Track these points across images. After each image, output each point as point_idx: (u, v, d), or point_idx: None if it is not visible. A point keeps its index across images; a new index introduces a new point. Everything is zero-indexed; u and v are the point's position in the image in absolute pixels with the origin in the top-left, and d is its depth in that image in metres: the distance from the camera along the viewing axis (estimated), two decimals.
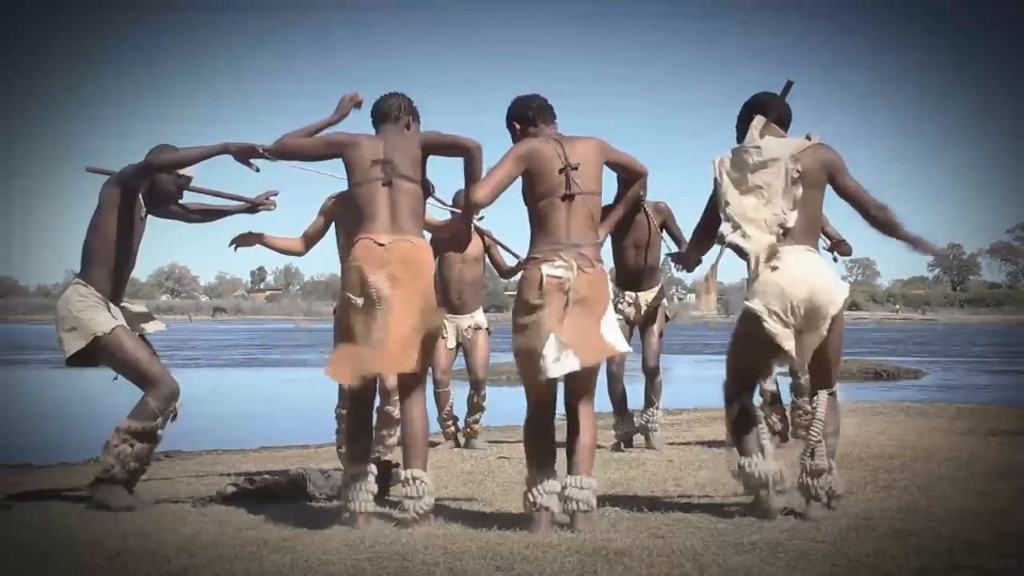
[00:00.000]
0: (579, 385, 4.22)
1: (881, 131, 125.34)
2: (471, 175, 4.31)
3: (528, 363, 4.10)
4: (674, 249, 6.89)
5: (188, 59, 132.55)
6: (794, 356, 4.31)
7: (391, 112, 4.44)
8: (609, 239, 6.48)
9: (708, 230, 4.55)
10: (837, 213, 5.17)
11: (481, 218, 6.50)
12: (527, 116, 4.34)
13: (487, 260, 7.30)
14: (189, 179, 5.03)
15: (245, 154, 4.58)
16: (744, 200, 4.29)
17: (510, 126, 4.41)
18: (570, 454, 4.22)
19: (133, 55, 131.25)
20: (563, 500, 4.11)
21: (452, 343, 7.33)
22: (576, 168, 4.16)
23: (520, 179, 4.23)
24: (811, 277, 4.22)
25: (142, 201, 4.91)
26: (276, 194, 5.29)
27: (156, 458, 6.95)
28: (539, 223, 4.21)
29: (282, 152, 4.46)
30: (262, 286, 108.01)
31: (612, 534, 3.89)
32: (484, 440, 7.50)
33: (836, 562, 3.41)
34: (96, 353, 4.79)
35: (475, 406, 7.43)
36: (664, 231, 7.06)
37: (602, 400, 5.94)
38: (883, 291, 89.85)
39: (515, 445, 7.35)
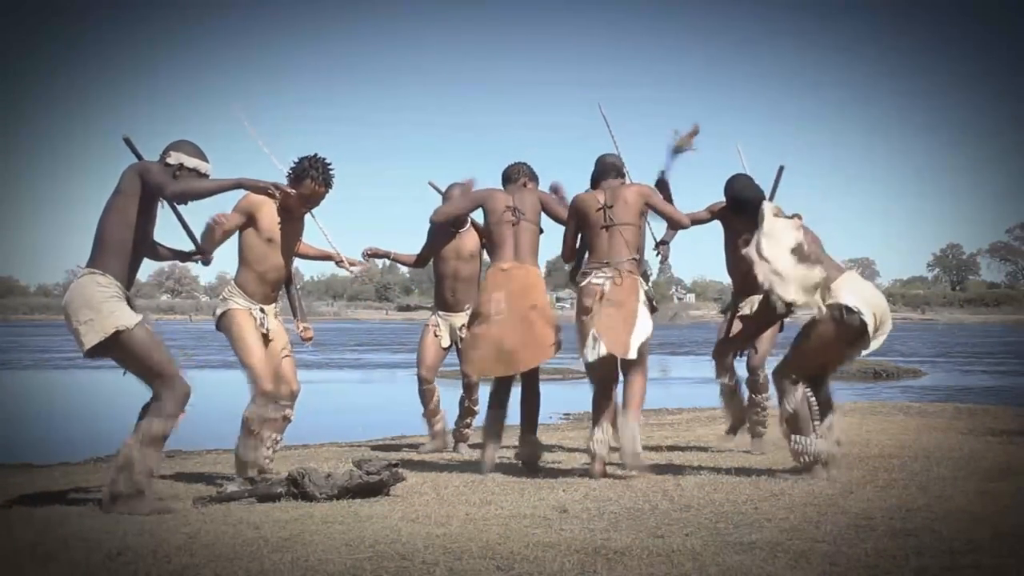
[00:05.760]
0: (626, 363, 5.44)
1: (880, 130, 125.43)
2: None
3: (581, 349, 5.43)
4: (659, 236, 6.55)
5: (190, 58, 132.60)
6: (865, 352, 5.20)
7: (512, 175, 5.94)
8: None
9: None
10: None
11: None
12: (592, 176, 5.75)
13: (484, 257, 7.09)
14: (207, 176, 4.91)
15: (259, 191, 4.64)
16: (785, 254, 5.15)
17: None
18: (624, 406, 5.43)
19: (135, 54, 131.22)
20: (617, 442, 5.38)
21: (446, 342, 7.09)
22: (611, 207, 5.51)
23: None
24: (883, 296, 5.32)
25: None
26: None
27: None
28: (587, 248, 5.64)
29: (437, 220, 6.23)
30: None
31: (612, 534, 3.89)
32: (473, 442, 7.27)
33: (835, 561, 3.41)
34: (112, 347, 4.57)
35: (467, 410, 7.12)
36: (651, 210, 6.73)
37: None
38: (883, 291, 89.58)
39: (514, 448, 7.35)
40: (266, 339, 5.48)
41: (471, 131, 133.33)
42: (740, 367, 6.59)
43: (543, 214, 5.93)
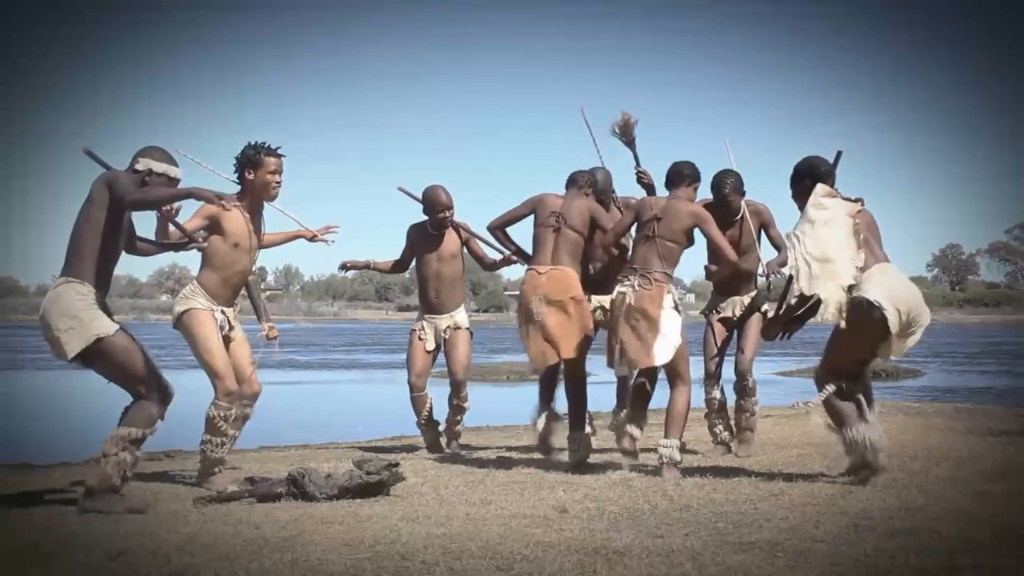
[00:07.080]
0: (669, 369, 5.73)
1: (880, 130, 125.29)
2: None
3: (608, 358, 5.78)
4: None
5: (187, 58, 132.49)
6: (892, 349, 5.05)
7: (577, 180, 6.18)
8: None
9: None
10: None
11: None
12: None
13: (467, 255, 7.08)
14: (177, 180, 4.96)
15: (208, 201, 4.66)
16: (826, 241, 5.02)
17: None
18: (666, 419, 5.70)
19: (134, 54, 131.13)
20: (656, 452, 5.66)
21: (431, 345, 6.99)
22: (660, 220, 5.69)
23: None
24: (917, 291, 5.11)
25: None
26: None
27: (156, 458, 7.00)
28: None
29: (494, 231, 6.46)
30: (262, 286, 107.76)
31: (612, 534, 3.90)
32: (464, 440, 7.34)
33: (835, 561, 3.41)
34: (93, 356, 4.63)
35: (456, 408, 7.10)
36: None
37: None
38: None
39: (515, 450, 7.35)
40: (227, 341, 5.49)
41: (448, 134, 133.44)
42: (728, 369, 6.60)
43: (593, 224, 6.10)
